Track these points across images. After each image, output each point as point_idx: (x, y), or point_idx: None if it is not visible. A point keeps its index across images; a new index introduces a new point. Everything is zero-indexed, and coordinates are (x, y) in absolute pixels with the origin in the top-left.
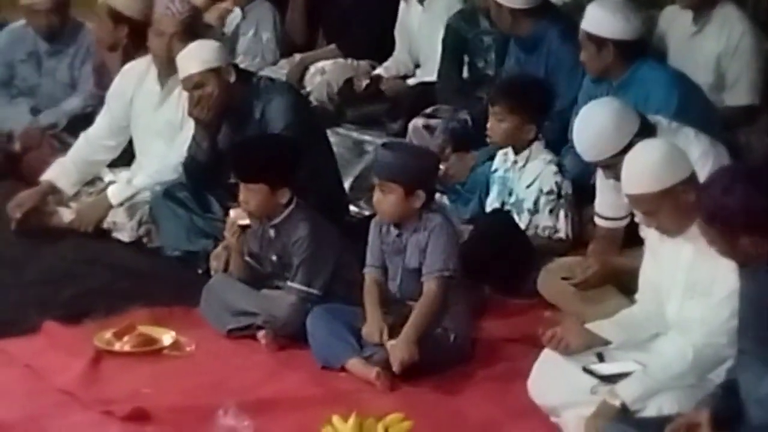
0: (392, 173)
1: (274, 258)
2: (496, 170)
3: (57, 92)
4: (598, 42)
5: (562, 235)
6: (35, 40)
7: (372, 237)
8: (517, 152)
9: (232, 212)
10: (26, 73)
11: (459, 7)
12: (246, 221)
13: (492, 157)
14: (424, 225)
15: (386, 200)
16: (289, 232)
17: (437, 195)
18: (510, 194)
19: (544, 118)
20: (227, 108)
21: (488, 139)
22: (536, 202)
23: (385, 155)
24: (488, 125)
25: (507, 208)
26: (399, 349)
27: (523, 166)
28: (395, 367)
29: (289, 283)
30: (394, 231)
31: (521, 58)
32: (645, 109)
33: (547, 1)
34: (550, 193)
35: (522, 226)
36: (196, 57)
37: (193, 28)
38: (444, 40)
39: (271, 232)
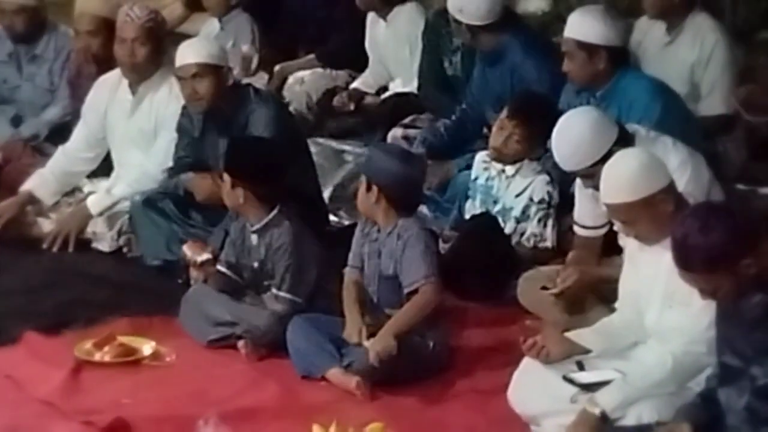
0: (362, 165)
1: (255, 265)
2: (476, 178)
3: (36, 98)
4: (590, 50)
5: (548, 243)
6: (18, 41)
7: (356, 237)
8: (507, 163)
9: (187, 251)
10: (7, 75)
11: (421, 21)
12: (205, 256)
13: (469, 166)
14: (398, 232)
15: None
16: (271, 238)
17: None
18: (495, 203)
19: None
20: (215, 112)
21: (492, 154)
22: (525, 211)
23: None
24: (498, 142)
25: None
26: (377, 341)
27: (513, 175)
28: (371, 358)
29: (274, 291)
30: (374, 233)
31: (486, 71)
32: (628, 117)
33: (509, 13)
34: (541, 202)
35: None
36: (203, 48)
37: (155, 33)
38: (423, 34)
39: (253, 239)
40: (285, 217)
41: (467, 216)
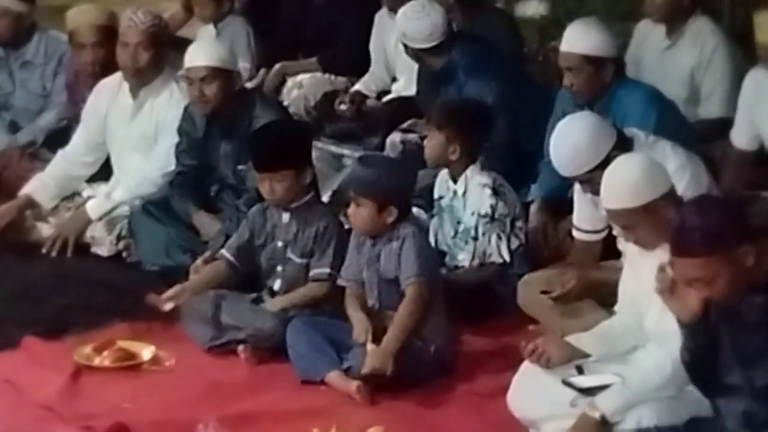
0: (365, 189)
1: (279, 244)
2: (441, 197)
3: (30, 104)
4: (598, 63)
5: (494, 258)
6: (5, 46)
7: (351, 248)
8: (454, 180)
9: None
10: (0, 81)
11: None
12: None
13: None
14: (397, 234)
15: (359, 214)
16: (306, 219)
17: (415, 209)
18: (459, 223)
19: (477, 142)
20: (219, 115)
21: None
22: (476, 228)
23: (359, 170)
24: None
25: (458, 237)
26: (374, 356)
27: (464, 194)
28: (364, 369)
29: (316, 271)
30: (369, 241)
31: (440, 90)
32: (623, 127)
33: (454, 33)
34: (485, 216)
35: (469, 256)
36: (214, 52)
37: (158, 38)
38: None
39: (285, 217)
40: (319, 201)
41: (446, 238)
